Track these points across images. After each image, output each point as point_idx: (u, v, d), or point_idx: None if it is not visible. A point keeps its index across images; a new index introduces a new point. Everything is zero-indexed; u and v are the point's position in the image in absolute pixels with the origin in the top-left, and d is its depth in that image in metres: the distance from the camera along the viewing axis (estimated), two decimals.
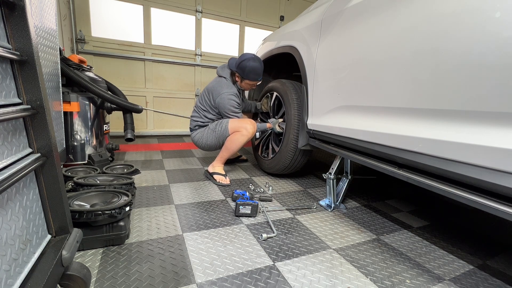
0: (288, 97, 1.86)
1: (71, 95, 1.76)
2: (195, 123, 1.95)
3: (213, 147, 1.91)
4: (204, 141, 1.89)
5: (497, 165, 0.70)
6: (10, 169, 0.51)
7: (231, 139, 1.80)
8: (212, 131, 1.85)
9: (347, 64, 1.29)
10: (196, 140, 1.93)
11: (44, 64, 1.26)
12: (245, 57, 1.79)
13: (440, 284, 0.94)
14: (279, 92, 1.99)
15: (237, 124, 1.80)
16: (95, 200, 1.10)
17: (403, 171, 1.04)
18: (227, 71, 1.91)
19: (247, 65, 1.76)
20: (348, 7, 1.30)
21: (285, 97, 1.90)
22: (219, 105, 1.83)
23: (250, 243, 1.11)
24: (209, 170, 1.90)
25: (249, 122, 1.80)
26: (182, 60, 3.58)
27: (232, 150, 1.83)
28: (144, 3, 3.22)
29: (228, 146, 1.82)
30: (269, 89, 2.15)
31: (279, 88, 1.99)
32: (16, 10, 0.54)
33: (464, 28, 0.78)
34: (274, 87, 2.07)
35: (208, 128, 1.88)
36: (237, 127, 1.79)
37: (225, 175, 1.86)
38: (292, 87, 1.89)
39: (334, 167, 1.54)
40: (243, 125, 1.78)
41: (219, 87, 1.84)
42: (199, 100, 1.95)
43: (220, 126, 1.83)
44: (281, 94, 1.95)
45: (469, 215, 1.58)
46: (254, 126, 1.82)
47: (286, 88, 1.90)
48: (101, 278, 0.85)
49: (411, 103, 0.97)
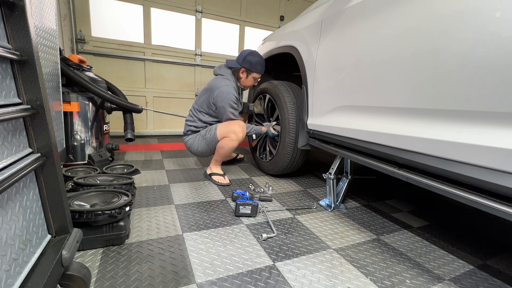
0: (281, 100, 1.84)
1: (71, 95, 1.76)
2: (188, 128, 1.92)
3: (204, 153, 1.89)
4: (195, 147, 1.88)
5: (497, 165, 0.70)
6: (10, 169, 0.51)
7: (221, 145, 1.79)
8: (202, 138, 1.83)
9: (347, 64, 1.29)
10: (188, 146, 1.91)
11: (44, 64, 1.26)
12: (246, 52, 1.84)
13: (440, 284, 0.94)
14: (271, 94, 1.97)
15: (225, 129, 1.77)
16: (95, 200, 1.10)
17: (403, 171, 1.04)
18: (225, 70, 1.89)
19: (253, 59, 1.81)
20: (348, 7, 1.30)
21: (278, 100, 1.88)
22: (217, 98, 1.78)
23: (250, 243, 1.11)
24: (207, 172, 1.90)
25: (238, 125, 1.76)
26: (182, 60, 3.58)
27: (223, 155, 1.83)
28: (144, 3, 3.22)
29: (219, 151, 1.82)
30: (261, 91, 2.13)
31: (270, 90, 1.97)
32: (16, 10, 0.54)
33: (464, 28, 0.78)
34: (266, 89, 2.05)
35: (199, 134, 1.86)
36: (226, 132, 1.76)
37: (224, 174, 1.86)
38: (284, 90, 1.86)
39: (334, 167, 1.54)
40: (232, 129, 1.75)
41: (217, 83, 1.82)
42: (195, 101, 1.93)
43: (210, 132, 1.80)
44: (273, 97, 1.94)
45: (469, 215, 1.58)
46: (243, 129, 1.79)
47: (278, 91, 1.88)
48: (101, 278, 0.85)
49: (411, 103, 0.97)
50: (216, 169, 1.88)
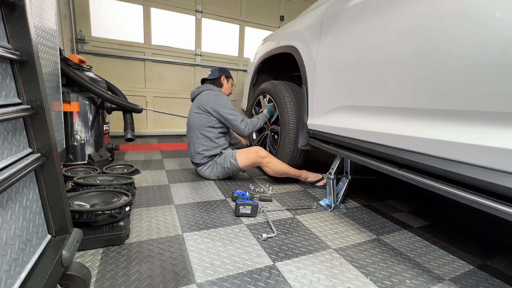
0: (281, 100, 1.85)
1: (71, 95, 1.76)
2: (201, 156, 1.83)
3: (225, 177, 1.89)
4: (215, 175, 1.85)
5: (497, 165, 0.70)
6: (10, 169, 0.51)
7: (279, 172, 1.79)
8: (221, 167, 1.80)
9: (347, 64, 1.29)
10: (207, 175, 1.86)
11: (44, 64, 1.26)
12: (217, 67, 2.08)
13: (440, 284, 0.94)
14: (271, 94, 2.00)
15: (248, 160, 1.76)
16: (95, 200, 1.10)
17: (403, 171, 1.04)
18: (205, 85, 1.96)
19: (225, 69, 2.07)
20: (348, 7, 1.30)
21: (278, 100, 1.89)
22: (214, 105, 1.79)
23: (250, 243, 1.11)
24: (309, 182, 1.90)
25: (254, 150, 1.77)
26: (182, 60, 3.58)
27: (286, 174, 1.82)
28: (144, 3, 3.22)
29: (286, 174, 1.82)
30: (262, 91, 2.16)
31: (271, 90, 1.99)
32: (16, 10, 0.54)
33: (464, 28, 0.78)
34: (266, 89, 2.08)
35: (215, 163, 1.82)
36: (252, 162, 1.76)
37: (315, 176, 1.89)
38: (284, 89, 1.88)
39: (334, 167, 1.54)
40: (254, 156, 1.75)
41: (206, 96, 1.84)
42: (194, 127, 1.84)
43: (227, 161, 1.78)
44: (273, 97, 1.95)
45: (469, 215, 1.58)
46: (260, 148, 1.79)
47: (278, 91, 1.89)
48: (101, 278, 0.85)
49: (411, 103, 0.97)
50: (308, 174, 1.89)
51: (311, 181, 1.88)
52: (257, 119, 1.91)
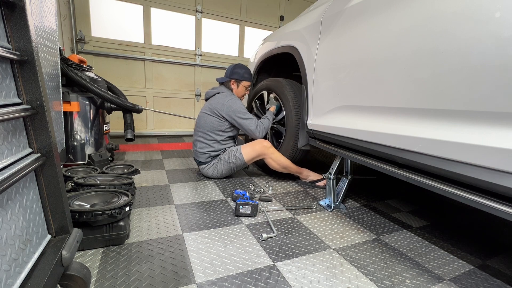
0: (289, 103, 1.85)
1: (71, 95, 1.76)
2: (206, 156, 1.84)
3: (227, 175, 1.89)
4: (218, 172, 1.85)
5: (497, 165, 0.70)
6: (10, 169, 0.51)
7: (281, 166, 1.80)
8: (226, 163, 1.81)
9: (347, 64, 1.29)
10: (210, 173, 1.86)
11: (44, 64, 1.26)
12: (232, 66, 1.95)
13: (440, 284, 0.94)
14: (274, 90, 2.00)
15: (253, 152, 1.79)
16: (95, 200, 1.10)
17: (403, 171, 1.04)
18: (219, 88, 1.94)
19: (240, 70, 1.93)
20: (348, 7, 1.30)
21: (282, 96, 1.90)
22: (229, 111, 1.80)
23: (250, 243, 1.11)
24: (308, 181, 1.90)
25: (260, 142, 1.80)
26: (182, 60, 3.58)
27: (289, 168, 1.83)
28: (144, 3, 3.22)
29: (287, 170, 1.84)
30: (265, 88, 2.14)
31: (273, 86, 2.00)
32: (16, 10, 0.54)
33: (464, 28, 0.78)
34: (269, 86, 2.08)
35: (219, 160, 1.83)
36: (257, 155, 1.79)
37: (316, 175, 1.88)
38: (288, 85, 1.89)
39: (334, 167, 1.54)
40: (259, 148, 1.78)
41: (221, 99, 1.84)
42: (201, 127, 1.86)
43: (232, 156, 1.80)
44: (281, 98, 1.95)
45: (469, 215, 1.58)
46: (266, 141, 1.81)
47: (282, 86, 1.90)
48: (101, 278, 0.85)
49: (411, 103, 0.97)
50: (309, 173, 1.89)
51: (312, 180, 1.88)
52: (268, 120, 1.90)
